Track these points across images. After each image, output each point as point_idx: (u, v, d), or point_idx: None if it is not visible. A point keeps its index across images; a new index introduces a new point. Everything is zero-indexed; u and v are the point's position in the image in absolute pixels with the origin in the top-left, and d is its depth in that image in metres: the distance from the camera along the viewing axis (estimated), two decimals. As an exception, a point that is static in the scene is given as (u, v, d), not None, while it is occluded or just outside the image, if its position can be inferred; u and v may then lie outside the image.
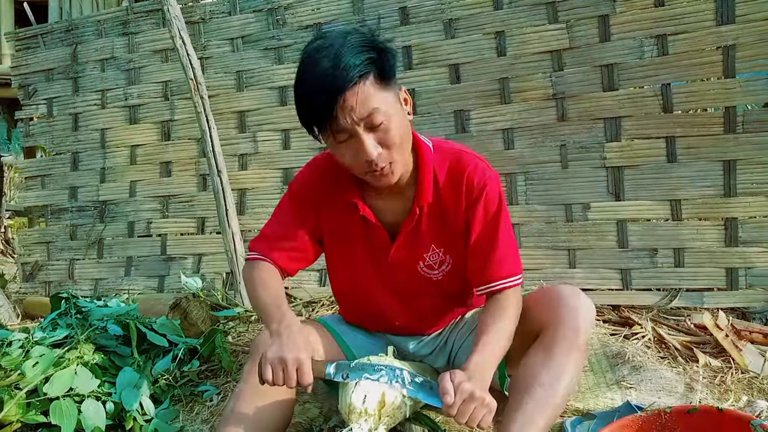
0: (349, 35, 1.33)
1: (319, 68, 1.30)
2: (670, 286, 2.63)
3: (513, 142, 2.87)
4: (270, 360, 1.30)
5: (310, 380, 1.31)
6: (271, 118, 3.31)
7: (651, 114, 2.65)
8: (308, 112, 1.36)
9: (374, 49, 1.33)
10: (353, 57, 1.29)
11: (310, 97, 1.34)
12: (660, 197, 2.65)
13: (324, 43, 1.33)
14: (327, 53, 1.30)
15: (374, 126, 1.33)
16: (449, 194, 1.53)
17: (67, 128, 3.75)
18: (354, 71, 1.28)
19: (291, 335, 1.35)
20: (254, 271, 1.58)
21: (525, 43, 2.84)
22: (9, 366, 1.88)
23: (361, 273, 1.64)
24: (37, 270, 3.81)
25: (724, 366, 2.03)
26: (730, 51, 2.52)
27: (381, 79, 1.33)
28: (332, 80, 1.28)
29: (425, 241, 1.57)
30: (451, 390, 1.22)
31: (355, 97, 1.29)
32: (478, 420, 1.21)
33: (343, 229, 1.61)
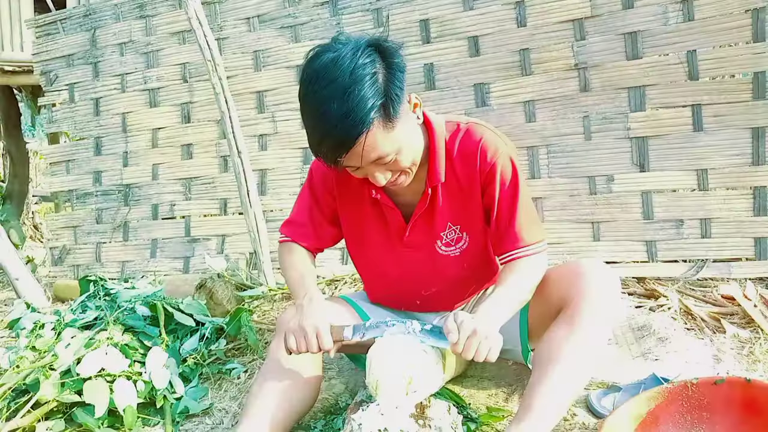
0: (359, 59, 1.24)
1: (322, 110, 1.25)
2: (697, 257, 2.59)
3: (534, 115, 2.83)
4: (292, 330, 1.39)
5: (330, 344, 1.37)
6: (290, 97, 3.30)
7: (676, 82, 2.59)
8: (312, 147, 1.35)
9: (383, 82, 1.26)
10: (360, 107, 1.22)
11: (313, 138, 1.33)
12: (686, 167, 2.60)
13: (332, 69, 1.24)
14: (332, 93, 1.23)
15: (383, 163, 1.34)
16: (463, 170, 1.52)
17: (89, 113, 3.79)
18: (360, 128, 1.23)
19: (310, 306, 1.43)
20: (284, 252, 1.68)
21: (546, 12, 2.78)
22: (43, 348, 1.94)
23: (379, 254, 1.66)
24: (65, 254, 3.89)
25: (752, 336, 2.01)
26: (760, 14, 2.44)
27: (388, 118, 1.28)
28: (337, 134, 1.25)
29: (442, 220, 1.57)
30: (455, 328, 1.27)
31: (361, 150, 1.27)
32: (484, 355, 1.26)
33: (359, 212, 1.63)
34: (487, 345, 1.26)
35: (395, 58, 1.30)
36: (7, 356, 1.93)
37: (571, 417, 1.61)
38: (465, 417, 1.59)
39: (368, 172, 1.37)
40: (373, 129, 1.25)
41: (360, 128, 1.23)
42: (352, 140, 1.25)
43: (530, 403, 1.36)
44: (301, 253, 1.66)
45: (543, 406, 1.35)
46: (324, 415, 1.72)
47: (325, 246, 1.72)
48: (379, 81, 1.26)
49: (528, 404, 1.36)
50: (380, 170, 1.36)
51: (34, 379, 1.78)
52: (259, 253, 2.98)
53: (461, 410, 1.60)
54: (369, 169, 1.35)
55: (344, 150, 1.27)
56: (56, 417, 1.76)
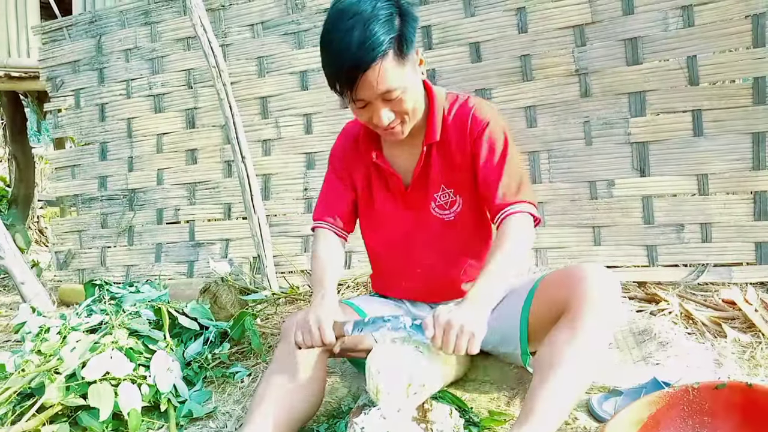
0: (377, 8, 1.37)
1: (344, 39, 1.36)
2: (698, 261, 2.60)
3: (535, 120, 2.85)
4: (298, 324, 1.46)
5: (332, 338, 1.42)
6: (293, 102, 3.33)
7: (676, 87, 2.61)
8: (331, 78, 1.45)
9: (399, 23, 1.39)
10: (379, 35, 1.35)
11: (332, 67, 1.43)
12: (686, 172, 2.61)
13: (354, 5, 1.38)
14: (355, 22, 1.36)
15: (390, 99, 1.44)
16: (456, 134, 1.62)
17: (95, 119, 3.82)
18: (376, 51, 1.35)
19: (322, 303, 1.50)
20: (314, 243, 1.76)
21: (546, 18, 2.80)
22: (48, 351, 1.95)
23: (383, 218, 1.76)
24: (70, 258, 3.92)
25: (753, 341, 2.01)
26: (760, 19, 2.46)
27: (401, 54, 1.40)
28: (355, 58, 1.36)
29: (435, 182, 1.67)
30: (431, 323, 1.32)
31: (375, 76, 1.38)
32: (464, 347, 1.28)
33: (368, 183, 1.76)
34: (465, 337, 1.28)
35: (410, 10, 1.44)
36: (13, 360, 1.94)
37: (572, 421, 1.62)
38: (467, 421, 1.59)
39: (375, 109, 1.45)
40: (386, 58, 1.37)
41: (377, 52, 1.35)
42: (368, 64, 1.36)
43: (532, 407, 1.37)
44: (328, 245, 1.72)
45: (545, 411, 1.35)
46: (327, 418, 1.73)
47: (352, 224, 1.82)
48: (395, 21, 1.39)
49: (530, 408, 1.37)
50: (386, 108, 1.46)
51: (39, 382, 1.79)
52: (262, 257, 2.99)
53: (463, 414, 1.60)
54: (376, 104, 1.44)
55: (360, 73, 1.37)
56: (61, 420, 1.78)
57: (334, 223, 1.76)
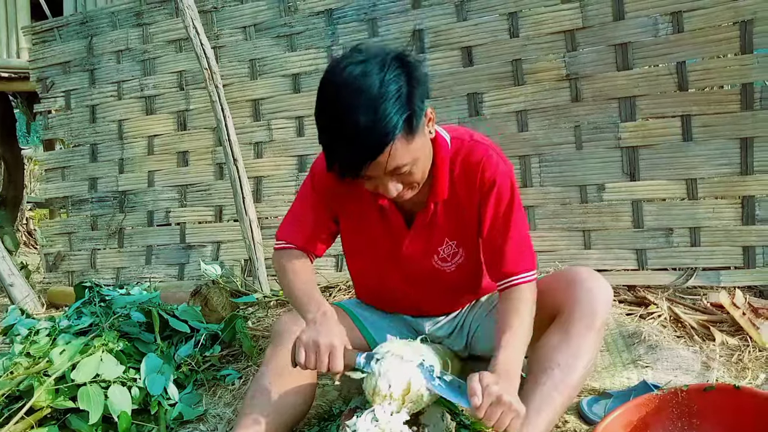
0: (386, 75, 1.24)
1: (352, 123, 1.23)
2: (686, 265, 2.62)
3: (527, 124, 2.86)
4: (305, 343, 1.34)
5: (341, 367, 1.33)
6: (285, 105, 3.33)
7: (666, 92, 2.63)
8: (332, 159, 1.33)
9: (408, 95, 1.26)
10: (390, 118, 1.23)
11: (335, 150, 1.31)
12: (675, 176, 2.63)
13: (358, 81, 1.24)
14: (362, 103, 1.23)
15: (399, 174, 1.34)
16: (463, 188, 1.53)
17: (85, 120, 3.80)
18: (388, 137, 1.24)
19: (327, 322, 1.38)
20: (284, 259, 1.61)
21: (538, 23, 2.82)
22: (37, 354, 1.94)
23: (376, 259, 1.67)
24: (59, 260, 3.89)
25: (741, 344, 2.03)
26: (748, 26, 2.48)
27: (411, 131, 1.28)
28: (365, 146, 1.25)
29: (440, 235, 1.59)
30: (479, 391, 1.21)
31: (385, 161, 1.27)
32: (506, 425, 1.21)
33: (361, 215, 1.62)
34: (511, 415, 1.21)
35: (418, 72, 1.31)
36: (1, 362, 1.93)
37: (562, 424, 1.63)
38: (458, 423, 1.60)
39: (382, 183, 1.35)
40: (397, 141, 1.25)
41: (387, 139, 1.24)
42: (378, 151, 1.25)
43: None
44: (303, 263, 1.60)
45: (536, 415, 1.36)
46: (318, 421, 1.73)
47: (324, 249, 1.68)
48: (404, 94, 1.26)
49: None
50: (394, 181, 1.35)
51: (28, 385, 1.78)
52: (254, 259, 2.99)
53: (454, 417, 1.61)
54: (383, 180, 1.34)
55: (368, 160, 1.26)
56: (50, 423, 1.77)
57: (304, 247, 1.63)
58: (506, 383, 1.26)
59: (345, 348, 1.36)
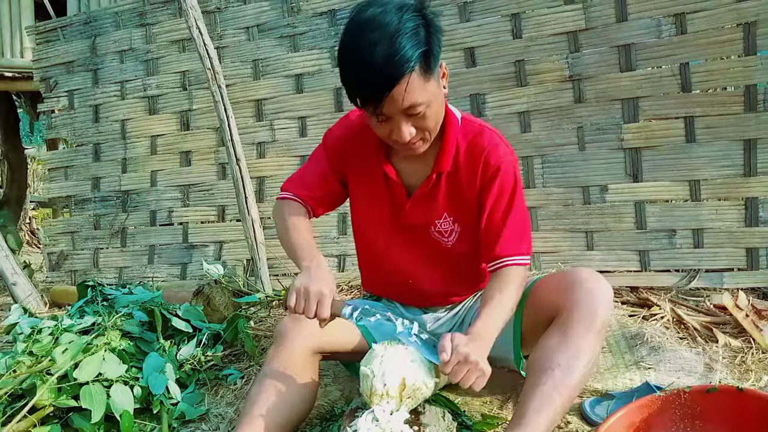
0: (403, 14, 1.31)
1: (369, 53, 1.30)
2: (689, 267, 2.62)
3: (529, 125, 2.86)
4: (296, 288, 1.39)
5: (327, 315, 1.39)
6: (288, 105, 3.33)
7: (669, 94, 2.63)
8: (353, 92, 1.39)
9: (425, 36, 1.33)
10: (406, 50, 1.29)
11: (356, 83, 1.37)
12: (678, 178, 2.63)
13: (378, 18, 1.31)
14: (380, 36, 1.29)
15: (414, 114, 1.38)
16: (466, 168, 1.57)
17: (88, 120, 3.81)
18: (405, 68, 1.29)
19: (320, 271, 1.44)
20: (285, 211, 1.67)
21: (541, 24, 2.82)
22: (40, 352, 1.94)
23: (381, 229, 1.72)
24: (62, 259, 3.90)
25: (744, 346, 2.03)
26: (751, 28, 2.48)
27: (427, 69, 1.34)
28: (381, 74, 1.30)
29: (439, 208, 1.63)
30: (448, 348, 1.28)
31: (402, 92, 1.32)
32: (471, 382, 1.28)
33: (368, 185, 1.69)
34: (476, 374, 1.28)
35: (435, 21, 1.37)
36: (4, 361, 1.93)
37: (564, 425, 1.63)
38: (460, 424, 1.60)
39: (397, 123, 1.39)
40: (414, 74, 1.31)
41: (404, 68, 1.29)
42: (396, 80, 1.30)
43: (524, 411, 1.37)
44: (303, 213, 1.67)
45: (537, 415, 1.36)
46: (320, 421, 1.73)
47: (324, 211, 1.76)
48: (422, 34, 1.32)
49: (522, 413, 1.38)
50: (407, 122, 1.40)
51: (30, 383, 1.78)
52: (256, 260, 2.99)
53: (456, 417, 1.61)
54: (399, 119, 1.38)
55: (387, 89, 1.31)
56: (53, 422, 1.77)
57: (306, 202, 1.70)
58: (477, 345, 1.31)
59: (333, 298, 1.41)
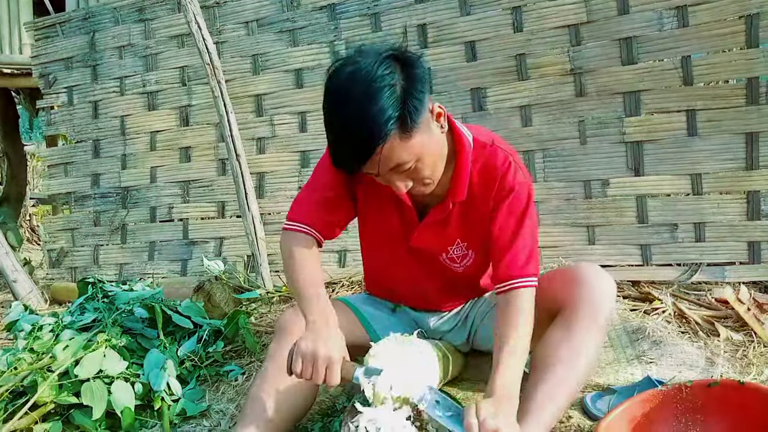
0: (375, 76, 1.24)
1: (345, 125, 1.27)
2: (691, 261, 2.61)
3: (530, 119, 2.85)
4: (302, 353, 1.30)
5: (338, 382, 1.31)
6: (288, 101, 3.32)
7: (671, 87, 2.61)
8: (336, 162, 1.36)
9: (401, 94, 1.25)
10: (377, 120, 1.22)
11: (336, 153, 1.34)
12: (680, 171, 2.62)
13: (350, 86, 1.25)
14: (352, 106, 1.24)
15: (403, 171, 1.33)
16: (480, 192, 1.52)
17: (88, 116, 3.80)
18: (376, 140, 1.23)
19: (328, 331, 1.35)
20: (292, 243, 1.55)
21: (542, 18, 2.80)
22: (41, 349, 1.94)
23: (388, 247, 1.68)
24: (62, 256, 3.90)
25: (745, 340, 2.02)
26: (754, 20, 2.46)
27: (406, 129, 1.26)
28: (356, 146, 1.26)
29: (451, 235, 1.59)
30: (475, 427, 1.18)
31: (377, 162, 1.28)
32: None
33: (378, 203, 1.63)
34: None
35: (415, 68, 1.29)
36: (5, 358, 1.93)
37: (566, 419, 1.63)
38: (461, 420, 1.59)
39: (388, 180, 1.36)
40: (390, 140, 1.24)
41: (376, 141, 1.23)
42: (368, 153, 1.25)
43: (527, 406, 1.37)
44: (311, 252, 1.54)
45: (540, 410, 1.36)
46: (321, 417, 1.73)
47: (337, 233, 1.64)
48: (397, 92, 1.24)
49: (525, 408, 1.37)
50: (399, 178, 1.35)
51: (32, 380, 1.79)
52: (256, 255, 2.99)
53: (457, 412, 1.60)
54: (388, 176, 1.34)
55: (363, 160, 1.27)
56: (54, 419, 1.77)
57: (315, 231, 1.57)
58: (505, 408, 1.23)
59: (343, 360, 1.32)
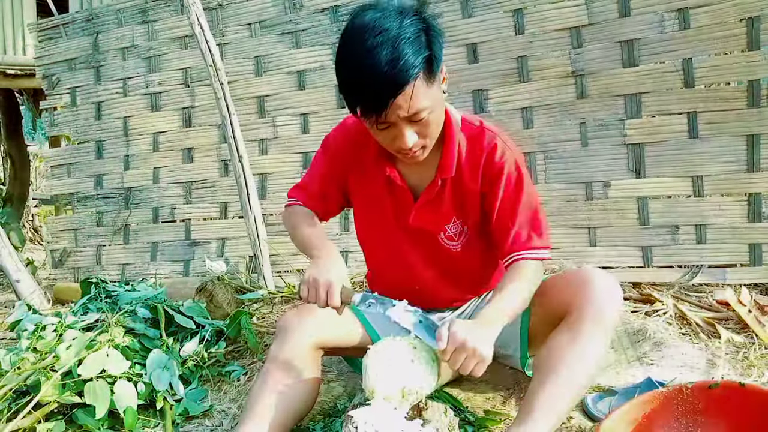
0: (404, 19, 1.28)
1: (371, 59, 1.26)
2: (692, 262, 2.61)
3: (532, 121, 2.86)
4: (306, 280, 1.41)
5: (338, 303, 1.39)
6: (290, 102, 3.33)
7: (672, 89, 2.62)
8: (354, 101, 1.35)
9: (427, 41, 1.30)
10: (410, 56, 1.25)
11: (356, 89, 1.33)
12: (681, 174, 2.62)
13: (378, 22, 1.28)
14: (382, 41, 1.25)
15: (417, 120, 1.35)
16: (468, 171, 1.57)
17: (91, 117, 3.81)
18: (410, 74, 1.26)
19: (328, 260, 1.45)
20: (294, 212, 1.69)
21: (543, 20, 2.81)
22: (44, 349, 1.95)
23: (385, 234, 1.70)
24: (65, 256, 3.91)
25: (747, 342, 2.03)
26: (755, 23, 2.47)
27: (430, 74, 1.31)
28: (387, 82, 1.26)
29: (447, 212, 1.62)
30: (445, 336, 1.26)
31: (408, 99, 1.29)
32: (469, 369, 1.26)
33: (370, 190, 1.67)
34: (474, 360, 1.25)
35: (435, 23, 1.35)
36: (9, 357, 1.94)
37: (567, 420, 1.63)
38: (462, 420, 1.60)
39: (400, 130, 1.36)
40: (418, 80, 1.28)
41: (409, 74, 1.26)
42: (401, 87, 1.27)
43: (531, 409, 1.38)
44: (312, 215, 1.67)
45: (544, 413, 1.36)
46: (323, 417, 1.73)
47: (331, 216, 1.77)
48: (423, 38, 1.30)
49: (529, 410, 1.38)
50: (411, 129, 1.37)
51: (35, 380, 1.79)
52: (259, 256, 3.00)
53: (458, 413, 1.61)
54: (402, 126, 1.35)
55: (392, 97, 1.27)
56: (57, 418, 1.77)
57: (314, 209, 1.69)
58: (479, 330, 1.28)
59: (343, 286, 1.41)
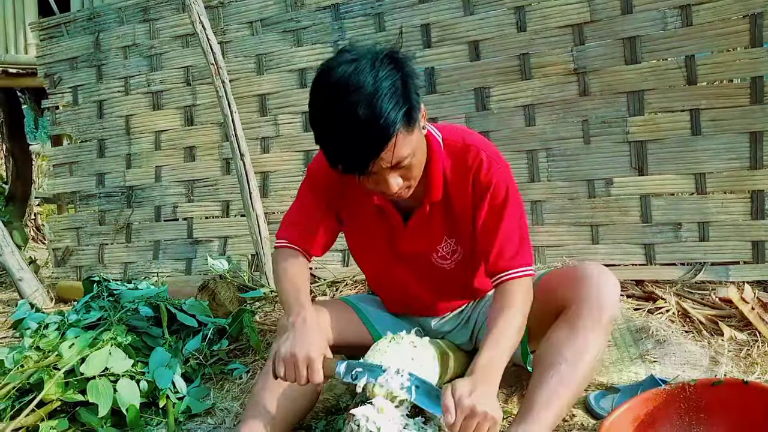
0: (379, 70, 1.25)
1: (351, 122, 1.23)
2: (695, 260, 2.61)
3: (534, 119, 2.85)
4: (282, 356, 1.33)
5: (320, 379, 1.33)
6: (291, 100, 3.33)
7: (675, 86, 2.61)
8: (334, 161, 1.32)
9: (403, 89, 1.27)
10: (389, 113, 1.23)
11: (338, 152, 1.30)
12: (684, 171, 2.62)
13: (353, 79, 1.24)
14: (358, 99, 1.22)
15: (400, 167, 1.33)
16: (457, 190, 1.53)
17: (93, 115, 3.82)
18: (390, 132, 1.24)
19: (305, 330, 1.37)
20: (280, 260, 1.61)
21: (545, 17, 2.80)
22: (47, 347, 1.95)
23: (378, 257, 1.68)
24: (68, 255, 3.91)
25: (750, 339, 2.02)
26: (758, 19, 2.46)
27: (410, 123, 1.29)
28: (367, 143, 1.24)
29: (438, 234, 1.59)
30: (452, 407, 1.19)
31: (389, 153, 1.27)
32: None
33: (360, 217, 1.64)
34: (487, 424, 1.18)
35: (409, 67, 1.31)
36: (12, 356, 1.94)
37: (570, 418, 1.63)
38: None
39: (383, 179, 1.33)
40: (399, 135, 1.26)
41: (391, 130, 1.24)
42: (382, 146, 1.24)
43: (531, 405, 1.38)
44: (297, 263, 1.59)
45: (544, 409, 1.37)
46: (325, 415, 1.74)
47: (325, 250, 1.68)
48: (399, 89, 1.26)
49: (529, 407, 1.38)
50: (395, 176, 1.34)
51: (38, 378, 1.80)
52: (260, 254, 3.00)
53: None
54: (385, 175, 1.32)
55: (373, 156, 1.25)
56: (60, 416, 1.78)
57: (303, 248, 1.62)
58: (482, 388, 1.22)
59: (324, 357, 1.34)
